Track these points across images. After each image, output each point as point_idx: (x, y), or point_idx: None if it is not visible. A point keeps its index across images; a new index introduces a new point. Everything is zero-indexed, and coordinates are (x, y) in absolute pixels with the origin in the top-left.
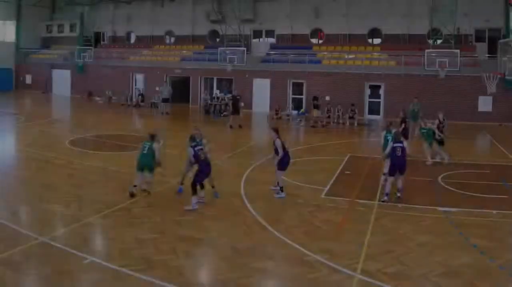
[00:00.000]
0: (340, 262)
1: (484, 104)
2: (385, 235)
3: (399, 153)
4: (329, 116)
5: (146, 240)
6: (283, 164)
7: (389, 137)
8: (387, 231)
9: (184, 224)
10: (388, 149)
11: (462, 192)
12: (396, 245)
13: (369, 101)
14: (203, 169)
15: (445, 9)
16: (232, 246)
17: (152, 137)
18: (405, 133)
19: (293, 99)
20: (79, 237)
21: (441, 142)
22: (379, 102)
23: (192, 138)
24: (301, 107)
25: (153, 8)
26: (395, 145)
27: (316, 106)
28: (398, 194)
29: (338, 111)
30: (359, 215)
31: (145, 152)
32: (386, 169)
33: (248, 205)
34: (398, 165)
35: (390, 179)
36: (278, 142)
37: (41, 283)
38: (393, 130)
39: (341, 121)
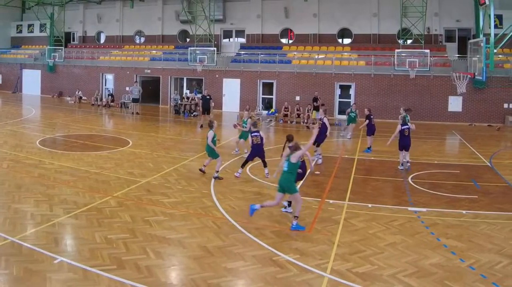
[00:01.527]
0: (310, 262)
1: (454, 104)
2: (355, 235)
3: (406, 133)
4: (298, 116)
5: (117, 240)
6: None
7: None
8: (357, 231)
9: (154, 224)
10: (397, 130)
11: (433, 192)
12: (367, 245)
13: (339, 101)
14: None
15: (415, 9)
16: (202, 246)
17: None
18: (371, 129)
19: (263, 99)
20: (49, 237)
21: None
22: (349, 102)
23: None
24: (271, 107)
25: (123, 8)
26: (403, 127)
27: (316, 108)
28: (400, 167)
29: (308, 111)
30: (329, 215)
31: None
32: None
33: (219, 205)
34: (403, 143)
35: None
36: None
37: (11, 284)
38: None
39: (311, 121)
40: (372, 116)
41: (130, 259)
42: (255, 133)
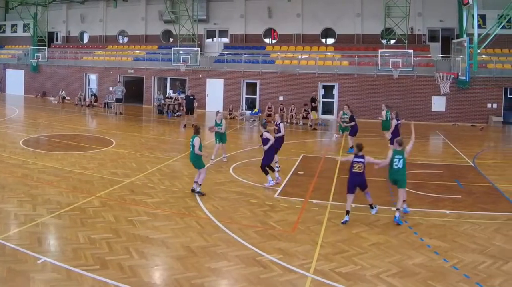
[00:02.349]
0: (294, 262)
1: (438, 104)
2: (338, 235)
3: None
4: (282, 116)
5: (100, 240)
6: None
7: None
8: (340, 231)
9: (138, 224)
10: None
11: (416, 192)
12: (350, 245)
13: (323, 101)
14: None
15: (399, 9)
16: (186, 246)
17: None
18: (354, 130)
19: (247, 99)
20: (32, 237)
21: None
22: (333, 102)
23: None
24: (255, 107)
25: (106, 8)
26: (398, 122)
27: (314, 108)
28: None
29: (291, 111)
30: (312, 215)
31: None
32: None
33: (202, 205)
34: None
35: None
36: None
37: None
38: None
39: (294, 121)
40: (354, 117)
41: (113, 259)
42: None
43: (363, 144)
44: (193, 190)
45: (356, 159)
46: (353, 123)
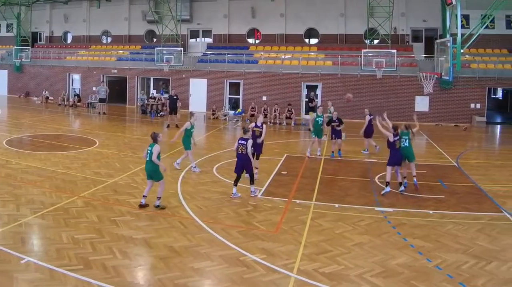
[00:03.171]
0: (277, 262)
1: (421, 104)
2: (322, 235)
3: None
4: (266, 116)
5: (83, 240)
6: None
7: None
8: (324, 231)
9: (121, 224)
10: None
11: (399, 191)
12: (333, 245)
13: (306, 101)
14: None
15: (382, 9)
16: (169, 246)
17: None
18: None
19: (230, 99)
20: (16, 237)
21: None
22: (316, 102)
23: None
24: (238, 107)
25: (89, 8)
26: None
27: (312, 109)
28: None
29: (275, 111)
30: (296, 215)
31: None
32: None
33: (185, 205)
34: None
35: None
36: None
37: None
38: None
39: (278, 121)
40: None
41: (97, 259)
42: (242, 141)
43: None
44: (141, 205)
45: (396, 138)
46: (341, 127)
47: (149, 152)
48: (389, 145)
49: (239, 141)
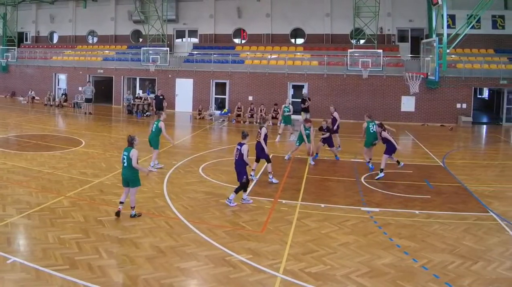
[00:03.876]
0: (263, 262)
1: (407, 104)
2: (308, 235)
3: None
4: (252, 116)
5: (70, 240)
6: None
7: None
8: (310, 231)
9: (107, 224)
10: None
11: (386, 192)
12: (319, 245)
13: (292, 101)
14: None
15: (368, 9)
16: (155, 246)
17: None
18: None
19: (216, 99)
20: (2, 237)
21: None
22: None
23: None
24: (224, 107)
25: (75, 8)
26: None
27: (305, 109)
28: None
29: (261, 111)
30: (282, 215)
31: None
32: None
33: (171, 205)
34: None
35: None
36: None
37: None
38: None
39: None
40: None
41: (83, 259)
42: (237, 146)
43: None
44: (118, 213)
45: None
46: (327, 134)
47: (125, 157)
48: (384, 140)
49: (237, 146)
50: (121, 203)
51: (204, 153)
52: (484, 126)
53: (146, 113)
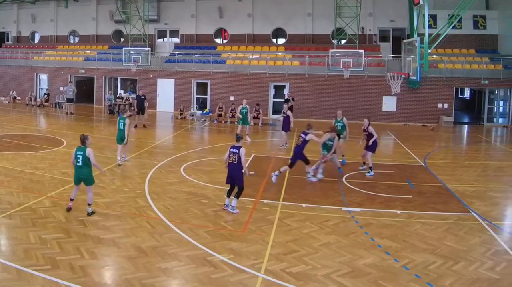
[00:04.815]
0: (245, 262)
1: (388, 104)
2: (289, 235)
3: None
4: (233, 116)
5: (51, 240)
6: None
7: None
8: (291, 231)
9: (89, 224)
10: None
11: (367, 192)
12: (301, 245)
13: (274, 101)
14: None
15: (349, 9)
16: (137, 246)
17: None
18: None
19: (198, 99)
20: None
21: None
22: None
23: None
24: (205, 108)
25: (57, 8)
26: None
27: (289, 109)
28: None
29: (233, 111)
30: (263, 215)
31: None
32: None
33: (153, 205)
34: None
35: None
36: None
37: None
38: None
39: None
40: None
41: (64, 259)
42: (233, 150)
43: None
44: (69, 210)
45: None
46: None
47: (79, 156)
48: (369, 137)
49: (231, 149)
50: (71, 200)
51: (185, 153)
52: (466, 126)
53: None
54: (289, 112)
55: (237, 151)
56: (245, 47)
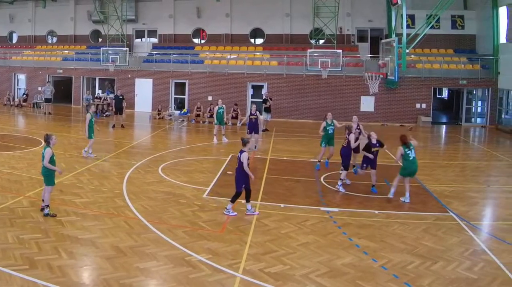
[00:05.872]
0: (223, 262)
1: (366, 104)
2: (267, 235)
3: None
4: (211, 116)
5: (29, 240)
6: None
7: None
8: (269, 231)
9: (67, 224)
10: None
11: (345, 192)
12: (279, 245)
13: (252, 101)
14: None
15: (327, 9)
16: (115, 246)
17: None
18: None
19: (176, 99)
20: None
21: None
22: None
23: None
24: (184, 107)
25: (35, 8)
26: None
27: (266, 109)
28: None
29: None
30: (241, 215)
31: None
32: None
33: (131, 205)
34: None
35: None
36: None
37: None
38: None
39: (224, 121)
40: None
41: (42, 259)
42: (238, 154)
43: None
44: (43, 209)
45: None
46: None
47: (42, 155)
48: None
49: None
50: (43, 200)
51: (163, 153)
52: (444, 126)
53: (106, 114)
54: (257, 113)
55: (239, 155)
56: (223, 47)
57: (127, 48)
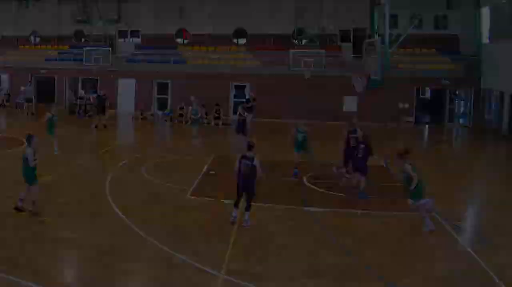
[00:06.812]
0: (205, 262)
1: (349, 104)
2: (250, 235)
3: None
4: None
5: (11, 240)
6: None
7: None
8: (252, 231)
9: (49, 225)
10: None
11: (328, 192)
12: (262, 245)
13: (234, 101)
14: None
15: (310, 9)
16: (97, 246)
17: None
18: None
19: (158, 99)
20: None
21: None
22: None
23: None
24: (166, 108)
25: (18, 8)
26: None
27: (248, 109)
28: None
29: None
30: (224, 215)
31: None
32: None
33: (113, 205)
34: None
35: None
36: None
37: None
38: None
39: (206, 121)
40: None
41: (24, 259)
42: (246, 162)
43: None
44: (18, 209)
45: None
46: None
47: (23, 155)
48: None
49: (243, 160)
50: (20, 199)
51: (146, 153)
52: (426, 126)
53: (89, 114)
54: (246, 114)
55: (250, 163)
56: (205, 47)
57: (110, 48)
